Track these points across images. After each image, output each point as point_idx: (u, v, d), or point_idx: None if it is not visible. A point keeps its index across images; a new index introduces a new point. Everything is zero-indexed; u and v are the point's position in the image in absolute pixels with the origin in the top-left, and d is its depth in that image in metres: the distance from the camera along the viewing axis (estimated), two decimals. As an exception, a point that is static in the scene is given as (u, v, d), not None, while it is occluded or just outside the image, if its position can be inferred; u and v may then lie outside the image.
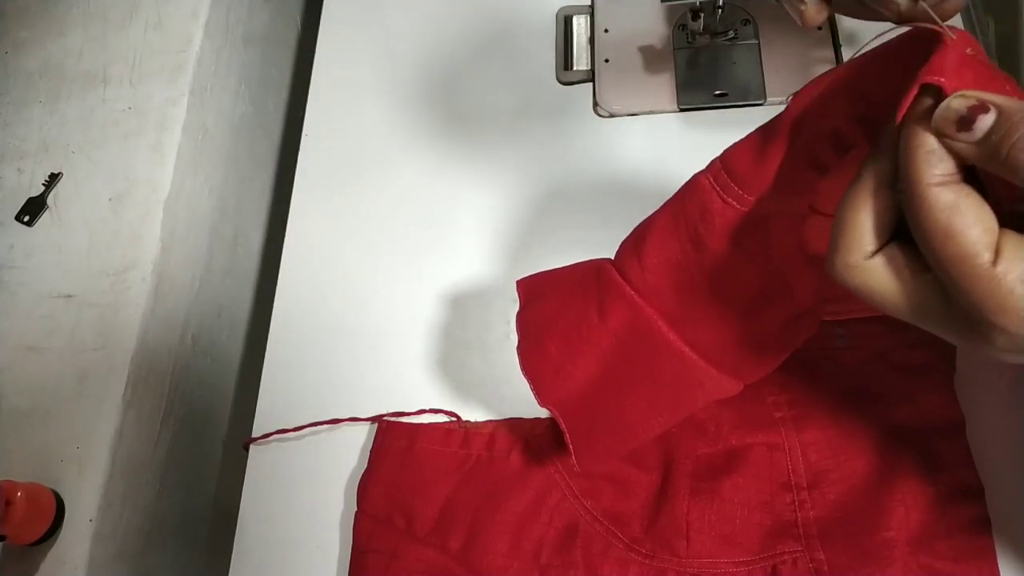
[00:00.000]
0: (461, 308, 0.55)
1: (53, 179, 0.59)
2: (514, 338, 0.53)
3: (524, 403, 0.50)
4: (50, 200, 0.59)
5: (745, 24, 0.60)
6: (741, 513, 0.44)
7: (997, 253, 0.24)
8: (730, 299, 0.37)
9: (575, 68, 0.63)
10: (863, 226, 0.27)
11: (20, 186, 0.60)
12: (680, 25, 0.61)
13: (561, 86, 0.63)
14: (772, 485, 0.45)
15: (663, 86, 0.60)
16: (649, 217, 0.39)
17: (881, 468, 0.44)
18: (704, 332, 0.38)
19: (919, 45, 0.26)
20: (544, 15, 0.66)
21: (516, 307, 0.55)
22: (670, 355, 0.38)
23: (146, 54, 0.63)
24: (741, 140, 0.34)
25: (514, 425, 0.50)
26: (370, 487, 0.49)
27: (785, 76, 0.58)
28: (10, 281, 0.56)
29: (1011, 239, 0.24)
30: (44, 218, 0.58)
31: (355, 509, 0.49)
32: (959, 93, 0.24)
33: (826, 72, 0.30)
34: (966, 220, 0.24)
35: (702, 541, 0.44)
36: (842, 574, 0.42)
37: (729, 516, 0.44)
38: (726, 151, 0.34)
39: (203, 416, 0.61)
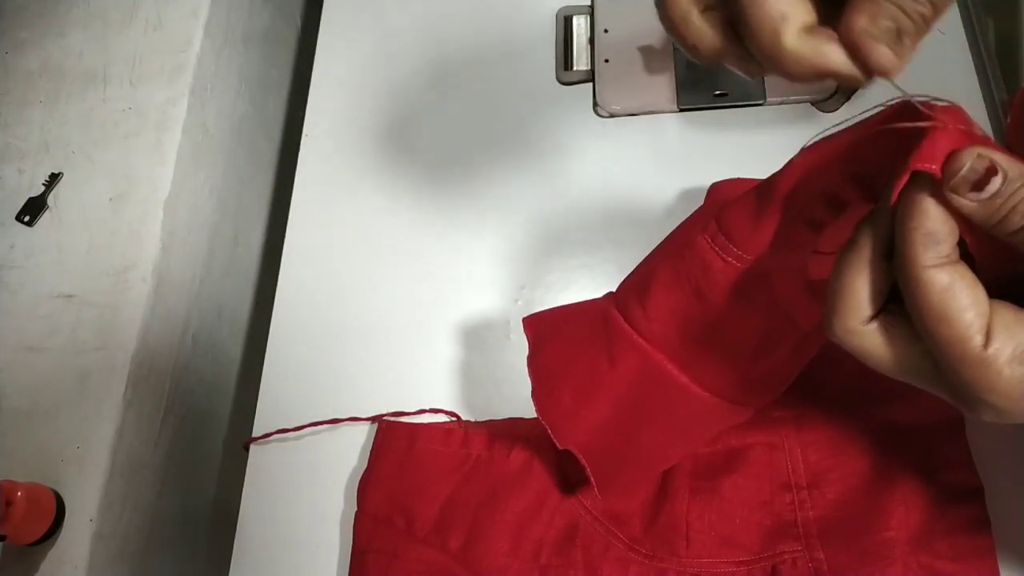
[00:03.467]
0: (461, 308, 0.55)
1: (53, 179, 0.59)
2: (514, 338, 0.54)
3: (524, 403, 0.50)
4: (50, 200, 0.59)
5: (745, 24, 0.60)
6: (741, 513, 0.44)
7: (988, 335, 0.25)
8: (737, 346, 0.37)
9: (575, 68, 0.63)
10: (859, 294, 0.27)
11: (20, 186, 0.60)
12: (680, 25, 0.61)
13: (561, 86, 0.63)
14: (772, 485, 0.45)
15: (663, 86, 0.60)
16: (648, 266, 0.39)
17: (881, 468, 0.44)
18: (713, 373, 0.39)
19: (910, 115, 0.27)
20: (544, 15, 0.66)
21: (516, 307, 0.55)
22: (682, 395, 0.39)
23: (146, 54, 0.63)
24: (736, 203, 0.34)
25: (514, 425, 0.50)
26: (370, 487, 0.49)
27: (785, 76, 0.58)
28: (10, 281, 0.56)
29: (1001, 319, 0.25)
30: (44, 218, 0.58)
31: (355, 509, 0.49)
32: (978, 152, 0.25)
33: (819, 140, 0.31)
34: (960, 303, 0.25)
35: (702, 541, 0.44)
36: (842, 574, 0.42)
37: (729, 516, 0.44)
38: (722, 213, 0.35)
39: (203, 416, 0.61)
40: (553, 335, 0.44)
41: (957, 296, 0.25)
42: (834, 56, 0.26)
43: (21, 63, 0.64)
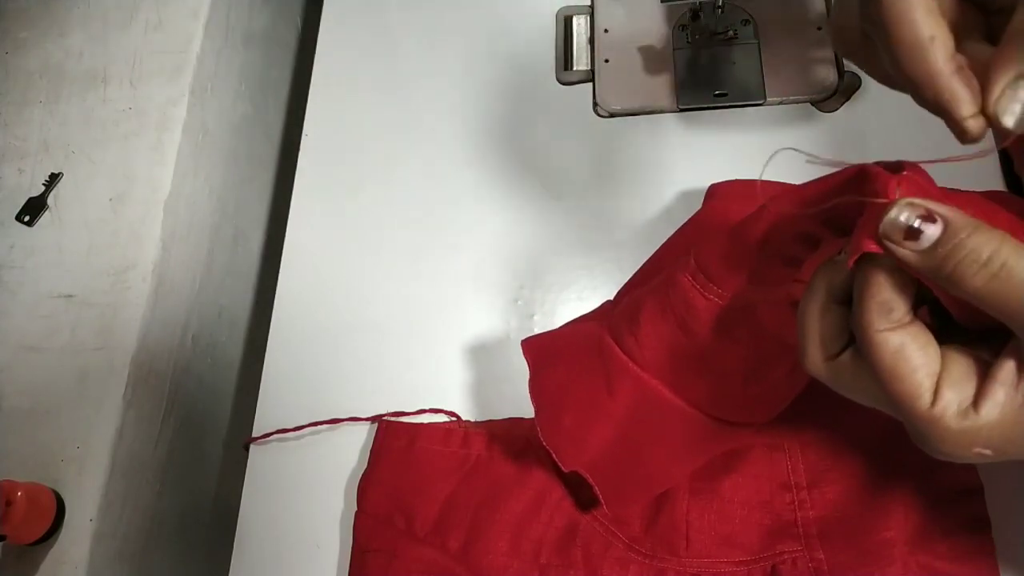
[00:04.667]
0: (461, 308, 0.55)
1: (53, 179, 0.59)
2: (514, 338, 0.54)
3: (524, 403, 0.50)
4: (50, 200, 0.59)
5: (745, 24, 0.60)
6: (741, 513, 0.44)
7: (936, 392, 0.26)
8: (726, 372, 0.38)
9: (575, 68, 0.63)
10: (820, 334, 0.29)
11: (20, 186, 0.60)
12: (680, 25, 0.61)
13: (561, 86, 0.63)
14: (772, 485, 0.45)
15: (663, 86, 0.60)
16: (637, 294, 0.40)
17: (880, 468, 0.44)
18: (707, 397, 0.39)
19: (869, 178, 0.27)
20: (544, 15, 0.66)
21: (516, 307, 0.55)
22: (680, 418, 0.40)
23: (146, 54, 0.63)
24: (712, 243, 0.35)
25: (514, 425, 0.50)
26: (370, 487, 0.49)
27: (785, 76, 0.58)
28: (10, 281, 0.56)
29: (950, 375, 0.26)
30: (44, 218, 0.58)
31: (355, 509, 0.49)
32: (908, 201, 0.25)
33: (788, 192, 0.31)
34: (910, 365, 0.26)
35: (702, 541, 0.44)
36: (842, 574, 0.42)
37: (729, 516, 0.44)
38: (700, 253, 0.36)
39: (203, 416, 0.61)
40: (552, 361, 0.44)
41: (907, 358, 0.26)
42: (966, 108, 0.26)
43: (21, 63, 0.64)
